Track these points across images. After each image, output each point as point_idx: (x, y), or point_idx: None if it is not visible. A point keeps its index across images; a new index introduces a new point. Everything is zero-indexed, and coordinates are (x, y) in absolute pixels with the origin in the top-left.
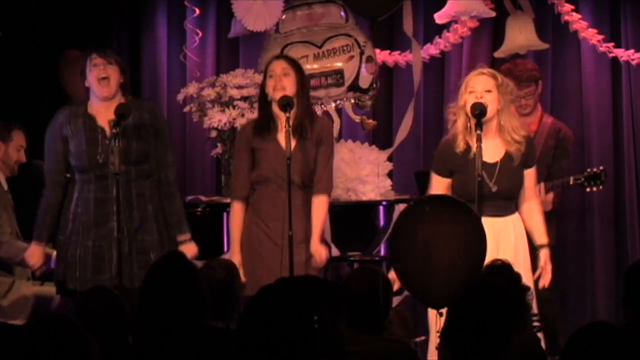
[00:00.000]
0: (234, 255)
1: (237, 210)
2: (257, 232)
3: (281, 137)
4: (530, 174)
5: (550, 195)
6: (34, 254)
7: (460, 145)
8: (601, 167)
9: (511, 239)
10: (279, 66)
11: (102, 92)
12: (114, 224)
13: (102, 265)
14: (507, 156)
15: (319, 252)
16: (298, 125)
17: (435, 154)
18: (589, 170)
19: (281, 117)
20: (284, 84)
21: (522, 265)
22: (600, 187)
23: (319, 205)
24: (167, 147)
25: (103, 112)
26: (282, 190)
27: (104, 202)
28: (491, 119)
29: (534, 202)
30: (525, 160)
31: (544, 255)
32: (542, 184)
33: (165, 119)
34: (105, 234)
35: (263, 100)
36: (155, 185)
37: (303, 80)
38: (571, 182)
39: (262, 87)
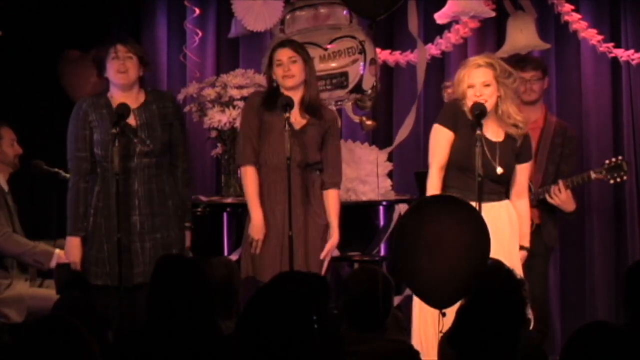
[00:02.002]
0: (254, 210)
1: (250, 174)
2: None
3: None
4: (523, 170)
5: (569, 193)
6: (72, 248)
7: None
8: (620, 157)
9: (506, 224)
10: (286, 54)
11: (119, 80)
12: (136, 217)
13: (132, 259)
14: (508, 137)
15: (332, 246)
16: (309, 107)
17: (443, 109)
18: (607, 162)
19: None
20: (293, 72)
21: (509, 251)
22: (625, 177)
23: (332, 200)
24: (185, 135)
25: (123, 101)
26: (284, 172)
27: (126, 195)
28: (490, 110)
29: (524, 203)
30: (520, 153)
31: (522, 256)
32: (560, 182)
33: None
34: (129, 228)
35: (270, 86)
36: (174, 178)
37: (310, 63)
38: (593, 177)
39: (269, 74)
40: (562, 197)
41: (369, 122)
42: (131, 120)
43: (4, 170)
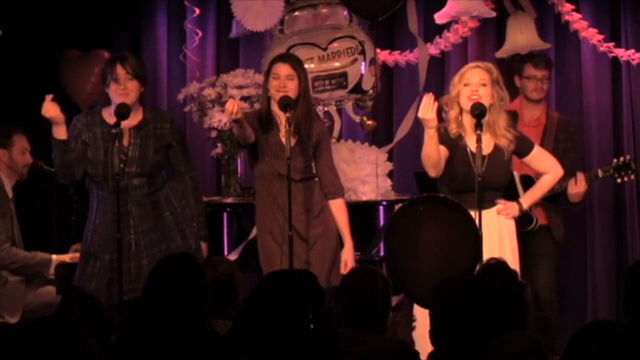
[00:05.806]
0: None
1: None
2: (263, 229)
3: (281, 136)
4: (534, 158)
5: (586, 187)
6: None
7: (454, 132)
8: (628, 157)
9: (496, 231)
10: (284, 71)
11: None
12: (131, 237)
13: (123, 277)
14: (497, 149)
15: (349, 259)
16: (297, 126)
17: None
18: (615, 160)
19: (281, 116)
20: (287, 88)
21: (509, 258)
22: (632, 176)
23: (339, 209)
24: (187, 153)
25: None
26: (280, 184)
27: (120, 215)
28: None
29: (551, 175)
30: (519, 153)
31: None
32: (580, 175)
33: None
34: (122, 248)
35: (265, 98)
36: (172, 191)
37: (306, 84)
38: (600, 175)
39: (265, 84)
40: (581, 188)
41: (369, 122)
42: (124, 140)
43: (10, 176)
